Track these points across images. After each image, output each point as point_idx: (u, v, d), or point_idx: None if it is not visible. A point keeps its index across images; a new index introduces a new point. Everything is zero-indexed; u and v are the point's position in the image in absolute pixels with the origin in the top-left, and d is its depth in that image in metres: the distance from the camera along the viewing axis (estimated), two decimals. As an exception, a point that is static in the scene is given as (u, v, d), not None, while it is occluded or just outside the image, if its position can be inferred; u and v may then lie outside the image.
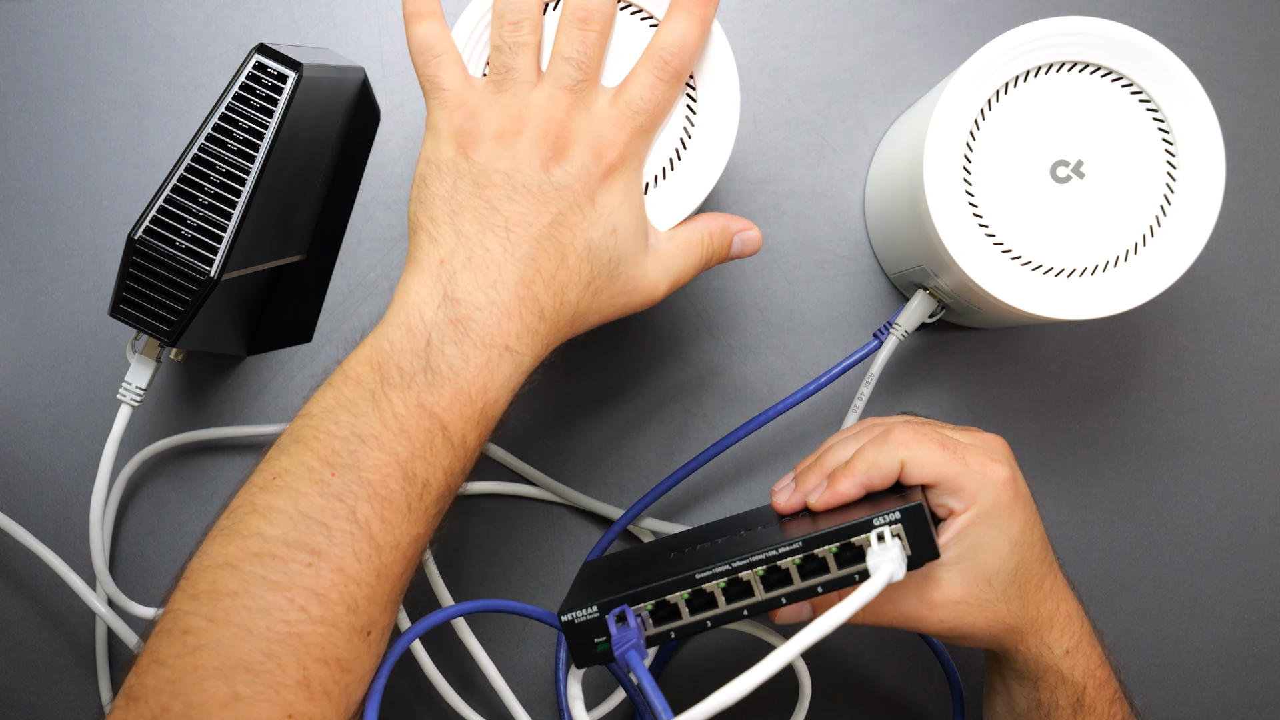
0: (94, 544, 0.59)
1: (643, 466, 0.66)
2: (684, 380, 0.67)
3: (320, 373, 0.66)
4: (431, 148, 0.48)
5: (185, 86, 0.66)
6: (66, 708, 0.65)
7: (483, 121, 0.48)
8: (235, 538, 0.43)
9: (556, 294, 0.47)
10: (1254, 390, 0.67)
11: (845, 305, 0.67)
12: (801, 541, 0.47)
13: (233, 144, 0.53)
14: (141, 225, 0.52)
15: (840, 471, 0.51)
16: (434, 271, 0.46)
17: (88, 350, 0.66)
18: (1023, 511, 0.50)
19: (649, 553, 0.56)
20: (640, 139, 0.49)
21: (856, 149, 0.67)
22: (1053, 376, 0.67)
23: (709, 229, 0.53)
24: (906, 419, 0.55)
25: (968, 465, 0.50)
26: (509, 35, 0.49)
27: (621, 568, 0.55)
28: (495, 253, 0.46)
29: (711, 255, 0.53)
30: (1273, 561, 0.67)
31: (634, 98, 0.49)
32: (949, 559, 0.50)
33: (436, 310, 0.45)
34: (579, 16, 0.49)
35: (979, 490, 0.49)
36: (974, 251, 0.55)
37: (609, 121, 0.48)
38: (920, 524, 0.47)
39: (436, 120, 0.48)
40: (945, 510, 0.50)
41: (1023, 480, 0.51)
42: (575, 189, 0.47)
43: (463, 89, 0.49)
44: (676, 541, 0.57)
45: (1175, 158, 0.56)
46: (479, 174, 0.47)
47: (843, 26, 0.68)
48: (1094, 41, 0.55)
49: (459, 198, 0.47)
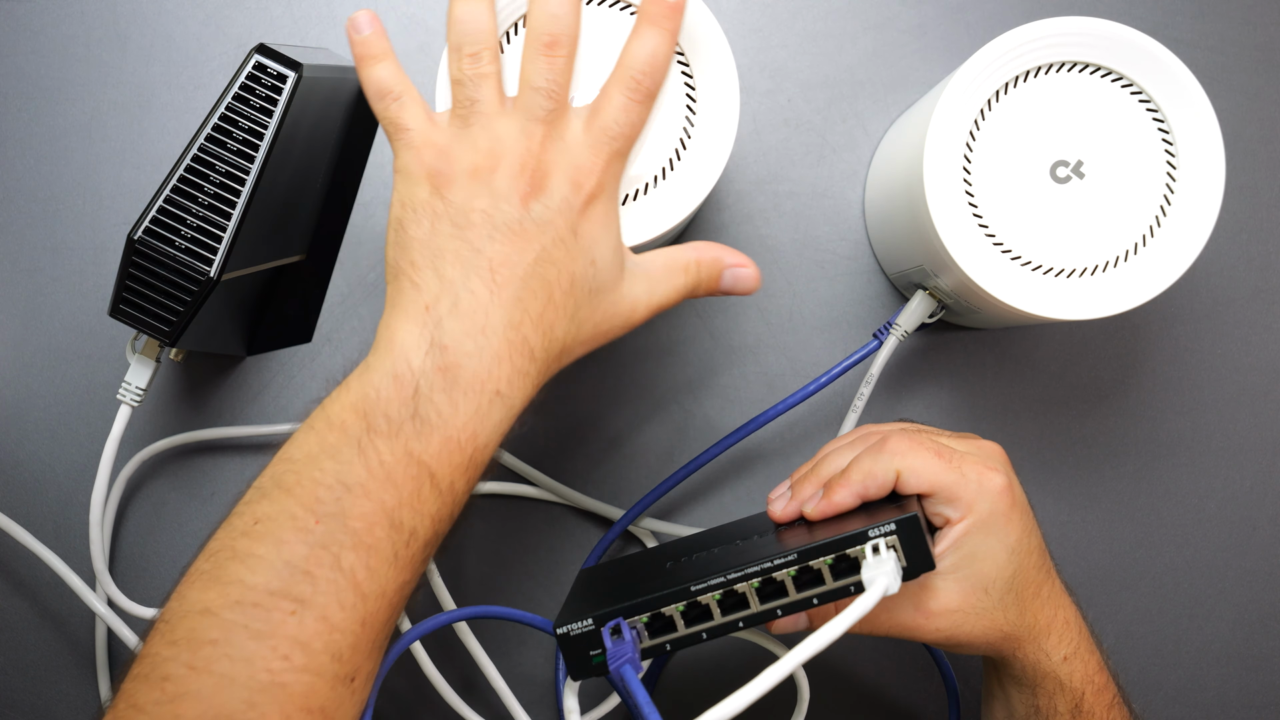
0: (94, 544, 0.59)
1: (642, 467, 0.66)
2: (684, 380, 0.67)
3: (322, 379, 0.66)
4: (405, 190, 0.47)
5: (185, 86, 0.67)
6: (66, 708, 0.65)
7: (454, 159, 0.46)
8: (216, 583, 0.42)
9: (545, 333, 0.46)
10: (1254, 390, 0.67)
11: (845, 305, 0.67)
12: (796, 553, 0.47)
13: (232, 144, 0.53)
14: (141, 225, 0.52)
15: (836, 481, 0.51)
16: (420, 318, 0.45)
17: (88, 350, 0.66)
18: (1020, 519, 0.50)
19: (645, 561, 0.56)
20: (617, 163, 0.48)
21: (856, 149, 0.67)
22: (1053, 376, 0.67)
23: (697, 257, 0.51)
24: (903, 426, 0.55)
25: (964, 474, 0.49)
26: (469, 68, 0.47)
27: (618, 577, 0.55)
28: (482, 297, 0.45)
29: (697, 284, 0.51)
30: (1273, 561, 0.67)
31: (609, 122, 0.48)
32: (945, 568, 0.49)
33: (424, 358, 0.44)
34: (545, 43, 0.47)
35: (975, 499, 0.49)
36: (974, 251, 0.55)
37: (585, 149, 0.47)
38: (916, 535, 0.47)
39: (406, 162, 0.47)
40: (941, 519, 0.50)
41: (1019, 487, 0.51)
42: (557, 223, 0.46)
43: (428, 128, 0.47)
44: (673, 549, 0.57)
45: (1175, 158, 0.56)
46: (457, 214, 0.46)
47: (843, 26, 0.68)
48: (1094, 41, 0.55)
49: (439, 240, 0.46)
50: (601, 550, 0.65)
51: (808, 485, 0.53)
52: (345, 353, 0.66)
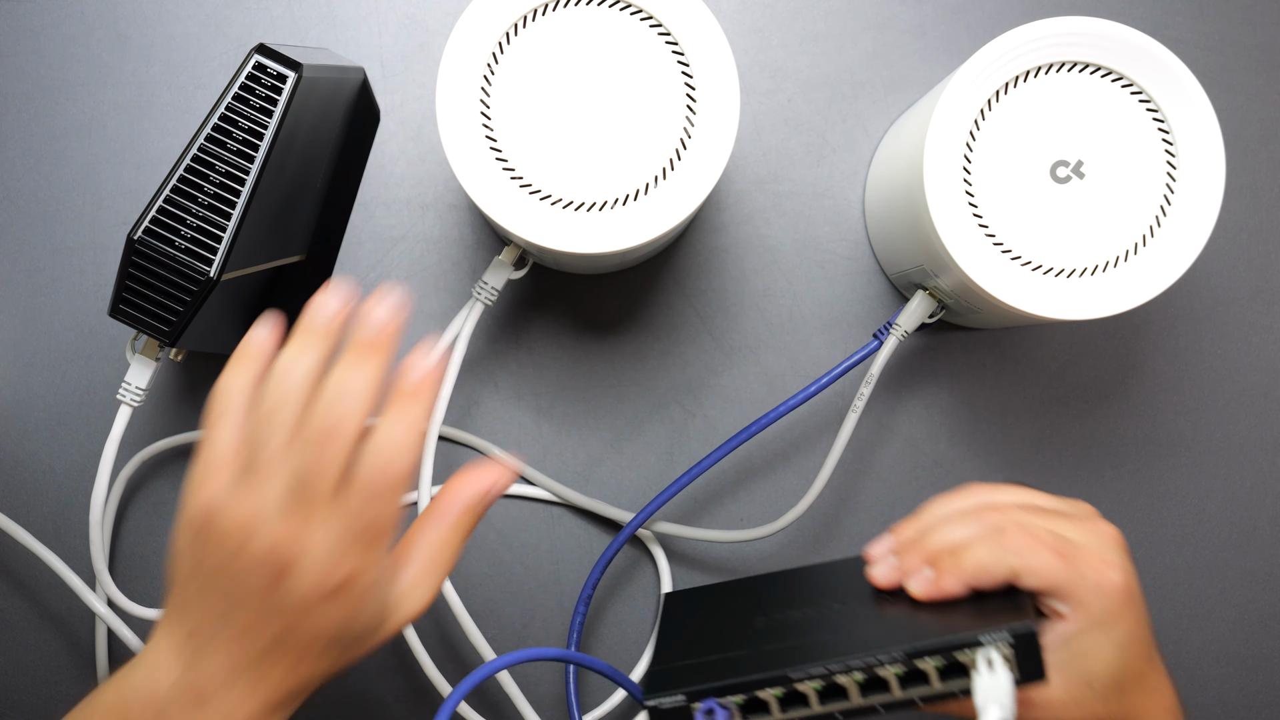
0: (94, 544, 0.59)
1: (642, 467, 0.66)
2: (684, 381, 0.67)
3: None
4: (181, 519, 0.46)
5: (185, 86, 0.66)
6: (66, 708, 0.65)
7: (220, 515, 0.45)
8: None
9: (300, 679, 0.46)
10: (1254, 390, 0.67)
11: (845, 305, 0.67)
12: (904, 653, 0.46)
13: (232, 144, 0.53)
14: (141, 225, 0.52)
15: (947, 568, 0.49)
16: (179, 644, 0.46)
17: (88, 350, 0.66)
18: (1132, 615, 0.49)
19: (734, 607, 0.55)
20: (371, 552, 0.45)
21: (856, 149, 0.67)
22: (1053, 376, 0.67)
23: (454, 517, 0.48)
24: (1018, 501, 0.53)
25: (1082, 574, 0.48)
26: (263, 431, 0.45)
27: (707, 626, 0.53)
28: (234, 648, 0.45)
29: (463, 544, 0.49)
30: (1273, 561, 0.67)
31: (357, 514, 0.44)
32: (1052, 662, 0.48)
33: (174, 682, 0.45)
34: (323, 429, 0.44)
35: (1091, 599, 0.48)
36: (974, 251, 0.55)
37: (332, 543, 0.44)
38: (1032, 649, 0.45)
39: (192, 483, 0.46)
40: (1052, 611, 0.49)
41: (1136, 580, 0.50)
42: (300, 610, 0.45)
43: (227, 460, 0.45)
44: (763, 595, 0.55)
45: (1175, 158, 0.56)
46: (210, 573, 0.45)
47: (843, 26, 0.68)
48: (1094, 41, 0.55)
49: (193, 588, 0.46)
50: (610, 556, 0.65)
51: (913, 557, 0.51)
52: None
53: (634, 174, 0.55)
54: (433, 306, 0.66)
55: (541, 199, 0.55)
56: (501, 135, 0.55)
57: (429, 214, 0.66)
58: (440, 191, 0.67)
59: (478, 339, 0.66)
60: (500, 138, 0.55)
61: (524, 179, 0.55)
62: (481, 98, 0.55)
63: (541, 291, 0.67)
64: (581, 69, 0.55)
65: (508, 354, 0.66)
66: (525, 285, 0.66)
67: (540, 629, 0.66)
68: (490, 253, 0.66)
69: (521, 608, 0.66)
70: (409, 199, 0.66)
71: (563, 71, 0.55)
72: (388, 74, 0.67)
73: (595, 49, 0.55)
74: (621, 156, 0.55)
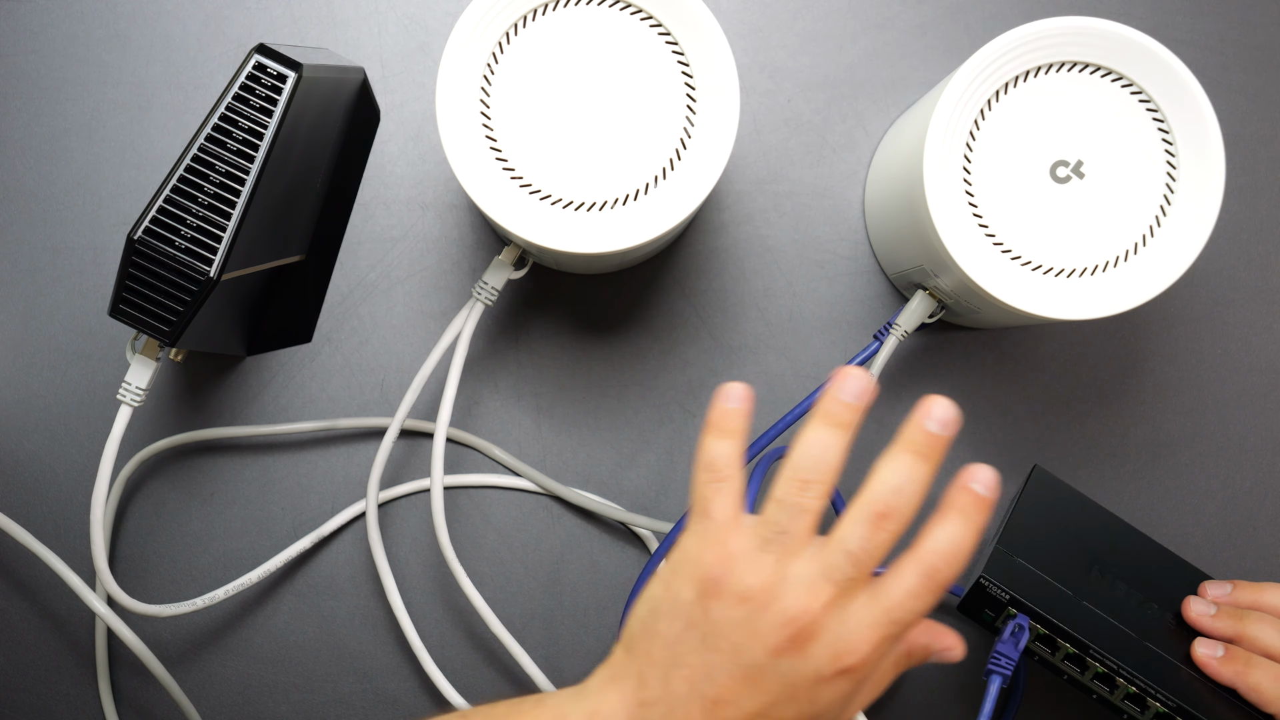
0: (94, 544, 0.59)
1: (642, 467, 0.66)
2: (684, 381, 0.67)
3: (322, 379, 0.66)
4: (672, 579, 0.46)
5: (185, 86, 0.67)
6: (66, 708, 0.65)
7: (734, 576, 0.44)
8: None
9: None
10: (1254, 390, 0.67)
11: (845, 305, 0.67)
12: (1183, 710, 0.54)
13: (232, 144, 0.53)
14: (141, 225, 0.52)
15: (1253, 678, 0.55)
16: (630, 710, 0.45)
17: (88, 350, 0.66)
18: None
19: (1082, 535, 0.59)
20: (887, 645, 0.45)
21: (856, 149, 0.67)
22: (1053, 376, 0.67)
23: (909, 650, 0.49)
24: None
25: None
26: (796, 495, 0.44)
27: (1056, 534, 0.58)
28: None
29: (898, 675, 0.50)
30: (1273, 562, 0.67)
31: (895, 606, 0.44)
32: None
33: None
34: (877, 510, 0.44)
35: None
36: (974, 251, 0.55)
37: (862, 626, 0.44)
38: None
39: (690, 549, 0.45)
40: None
41: None
42: (799, 685, 0.44)
43: (729, 528, 0.45)
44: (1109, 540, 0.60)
45: (1175, 158, 0.56)
46: (709, 632, 0.44)
47: (843, 26, 0.68)
48: (1094, 41, 0.55)
49: (681, 650, 0.44)
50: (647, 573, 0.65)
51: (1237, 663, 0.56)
52: (345, 353, 0.66)
53: (634, 174, 0.55)
54: (433, 306, 0.66)
55: (541, 199, 0.55)
56: (501, 135, 0.55)
57: (429, 214, 0.67)
58: (440, 191, 0.67)
59: (478, 339, 0.66)
60: (500, 138, 0.55)
61: (524, 179, 0.55)
62: (481, 98, 0.55)
63: (541, 291, 0.67)
64: (581, 69, 0.55)
65: (508, 354, 0.66)
66: (525, 285, 0.66)
67: (540, 628, 0.66)
68: (490, 253, 0.67)
69: (521, 608, 0.66)
70: (409, 199, 0.66)
71: (563, 71, 0.55)
72: (388, 74, 0.67)
73: (595, 49, 0.55)
74: (621, 156, 0.55)
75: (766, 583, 0.44)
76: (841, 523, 0.44)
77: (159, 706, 0.66)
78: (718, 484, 0.45)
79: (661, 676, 0.44)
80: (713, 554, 0.44)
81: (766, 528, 0.44)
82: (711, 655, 0.44)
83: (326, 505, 0.66)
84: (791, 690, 0.44)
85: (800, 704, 0.44)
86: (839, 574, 0.44)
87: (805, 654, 0.44)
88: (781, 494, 0.44)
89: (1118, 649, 0.55)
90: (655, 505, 0.66)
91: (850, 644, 0.44)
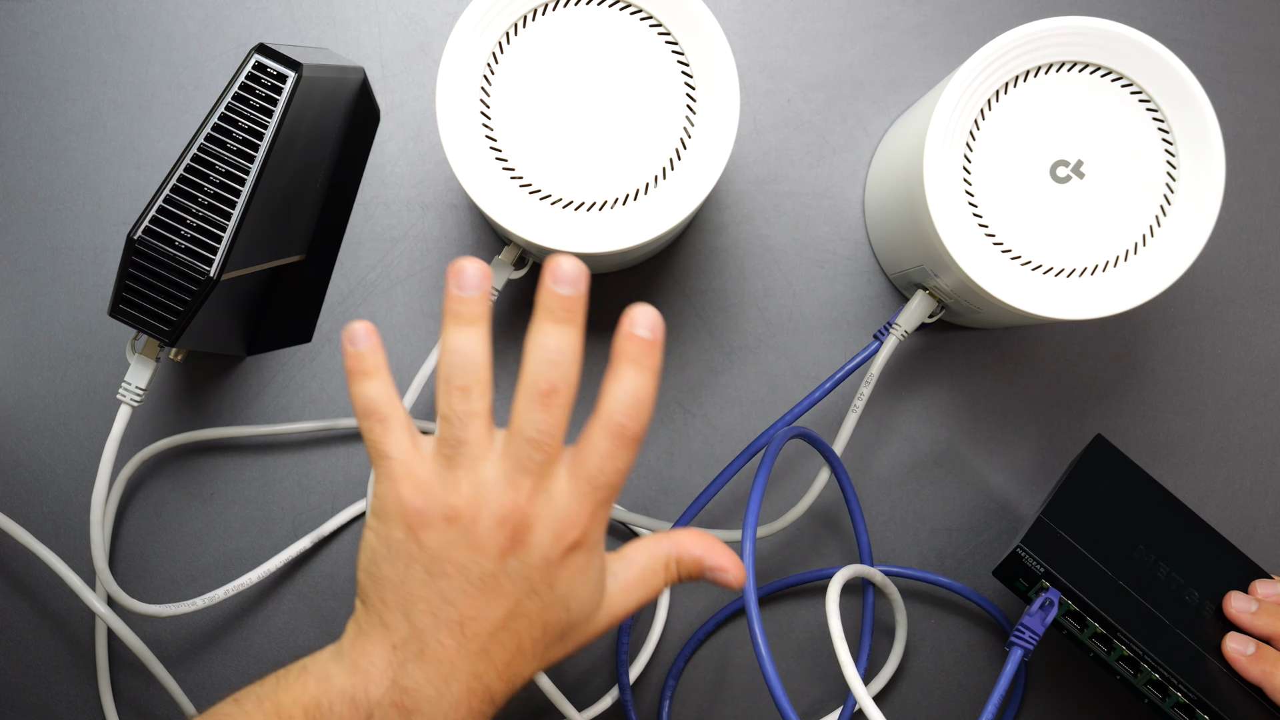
0: (94, 544, 0.59)
1: (643, 466, 0.66)
2: (684, 381, 0.67)
3: (322, 379, 0.66)
4: (379, 525, 0.46)
5: (185, 86, 0.67)
6: (66, 708, 0.65)
7: (432, 500, 0.44)
8: None
9: (509, 680, 0.45)
10: (1254, 390, 0.67)
11: (845, 305, 0.67)
12: (1209, 705, 0.53)
13: (232, 144, 0.53)
14: (141, 225, 0.52)
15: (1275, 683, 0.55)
16: (385, 655, 0.45)
17: (88, 350, 0.66)
18: None
19: (1132, 509, 0.60)
20: (603, 510, 0.45)
21: (856, 149, 0.67)
22: (1053, 376, 0.67)
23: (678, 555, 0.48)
24: None
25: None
26: (458, 404, 0.44)
27: (1106, 506, 0.58)
28: (449, 648, 0.44)
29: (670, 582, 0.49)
30: (1273, 562, 0.67)
31: (596, 472, 0.44)
32: None
33: (384, 692, 0.44)
34: (541, 390, 0.44)
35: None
36: (974, 251, 0.55)
37: (570, 500, 0.45)
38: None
39: (383, 492, 0.45)
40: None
41: None
42: (533, 578, 0.44)
43: (410, 458, 0.45)
44: (1158, 519, 0.60)
45: (1175, 158, 0.56)
46: (431, 562, 0.44)
47: (843, 26, 0.68)
48: (1094, 41, 0.55)
49: (410, 586, 0.44)
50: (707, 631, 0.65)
51: (1250, 642, 0.56)
52: (345, 353, 0.66)
53: (634, 174, 0.55)
54: (433, 306, 0.66)
55: (541, 199, 0.55)
56: (501, 135, 0.55)
57: (429, 214, 0.67)
58: (440, 191, 0.67)
59: (478, 339, 0.66)
60: (500, 138, 0.55)
61: (524, 179, 0.55)
62: (481, 98, 0.55)
63: (541, 291, 0.67)
64: (581, 69, 0.55)
65: (508, 354, 0.66)
66: (525, 285, 0.66)
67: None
68: (490, 253, 0.67)
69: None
70: (409, 199, 0.66)
71: (563, 71, 0.55)
72: (388, 74, 0.67)
73: (595, 49, 0.55)
74: (621, 156, 0.55)
75: (466, 496, 0.44)
76: (514, 412, 0.44)
77: (159, 706, 0.66)
78: (382, 423, 0.46)
79: (403, 617, 0.45)
80: (406, 488, 0.45)
81: (445, 445, 0.45)
82: (441, 581, 0.44)
83: (326, 505, 0.66)
84: (529, 584, 0.44)
85: (542, 594, 0.45)
86: (530, 462, 0.44)
87: (528, 546, 0.44)
88: (445, 409, 0.45)
89: (1146, 635, 0.54)
90: (655, 505, 0.66)
91: (567, 520, 0.45)
